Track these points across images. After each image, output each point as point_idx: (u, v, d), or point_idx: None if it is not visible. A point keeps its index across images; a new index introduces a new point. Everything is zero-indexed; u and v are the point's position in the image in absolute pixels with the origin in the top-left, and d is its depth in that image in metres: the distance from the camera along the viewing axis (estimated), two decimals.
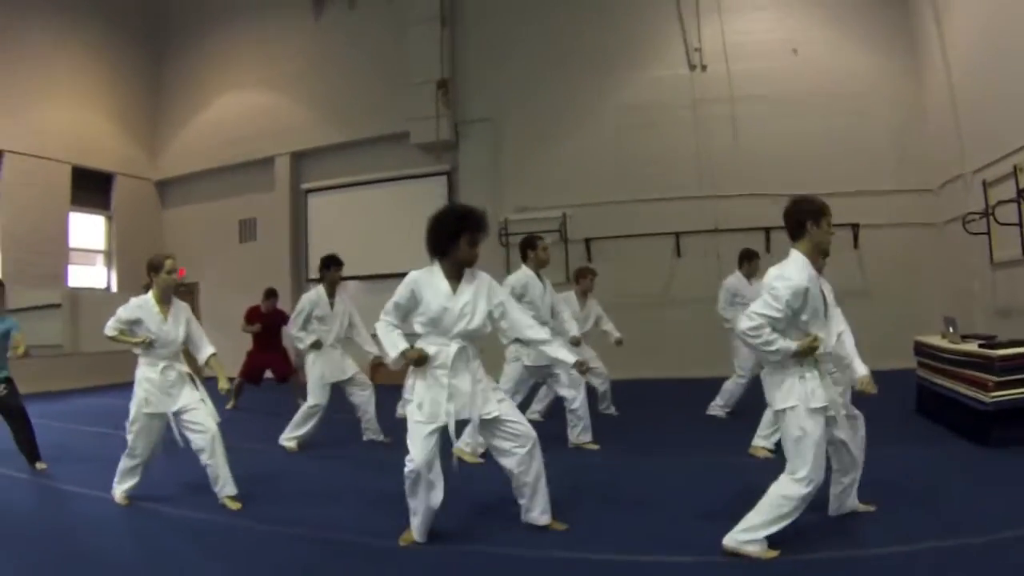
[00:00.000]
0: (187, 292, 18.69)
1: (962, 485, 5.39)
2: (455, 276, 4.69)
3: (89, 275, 18.02)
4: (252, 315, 11.96)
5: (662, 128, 13.89)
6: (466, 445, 6.35)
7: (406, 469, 4.45)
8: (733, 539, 4.04)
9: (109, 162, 18.69)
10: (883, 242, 13.00)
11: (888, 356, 9.16)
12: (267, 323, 11.81)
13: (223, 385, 5.98)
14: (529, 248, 7.53)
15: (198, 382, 5.93)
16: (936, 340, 8.04)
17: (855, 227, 12.99)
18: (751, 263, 9.02)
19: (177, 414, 5.76)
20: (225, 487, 5.66)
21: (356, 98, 16.50)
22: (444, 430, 4.54)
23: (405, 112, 15.35)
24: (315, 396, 8.10)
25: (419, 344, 4.65)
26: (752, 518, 4.05)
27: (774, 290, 4.09)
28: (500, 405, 4.71)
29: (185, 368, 5.95)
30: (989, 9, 10.45)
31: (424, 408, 4.54)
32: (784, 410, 4.14)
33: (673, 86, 13.98)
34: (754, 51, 13.61)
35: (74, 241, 17.76)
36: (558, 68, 14.76)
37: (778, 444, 6.38)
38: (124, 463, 5.79)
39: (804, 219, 4.28)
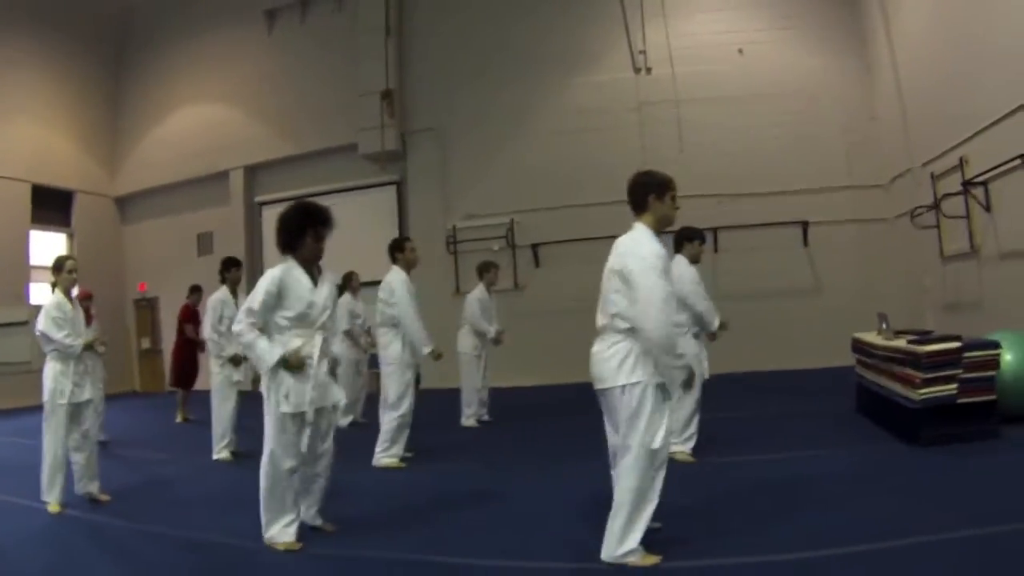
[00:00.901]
0: (147, 306, 18.57)
1: (866, 489, 5.18)
2: (309, 271, 4.81)
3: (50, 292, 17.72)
4: (187, 313, 11.82)
5: (607, 132, 13.77)
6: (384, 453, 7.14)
7: (280, 466, 4.58)
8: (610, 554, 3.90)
9: (69, 180, 18.55)
10: (834, 239, 12.91)
11: (839, 354, 9.22)
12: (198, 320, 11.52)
13: None
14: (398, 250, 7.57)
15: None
16: (871, 337, 7.82)
17: (804, 224, 12.89)
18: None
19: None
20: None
21: (307, 110, 16.38)
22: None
23: (354, 123, 15.23)
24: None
25: (278, 339, 4.69)
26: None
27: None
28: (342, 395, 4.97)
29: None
30: (935, 4, 10.35)
31: (291, 398, 4.60)
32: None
33: (618, 89, 13.88)
34: (699, 53, 13.53)
35: (35, 259, 17.52)
36: (503, 76, 14.68)
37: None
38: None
39: (648, 192, 4.14)
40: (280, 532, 4.58)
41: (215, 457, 8.05)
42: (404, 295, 7.22)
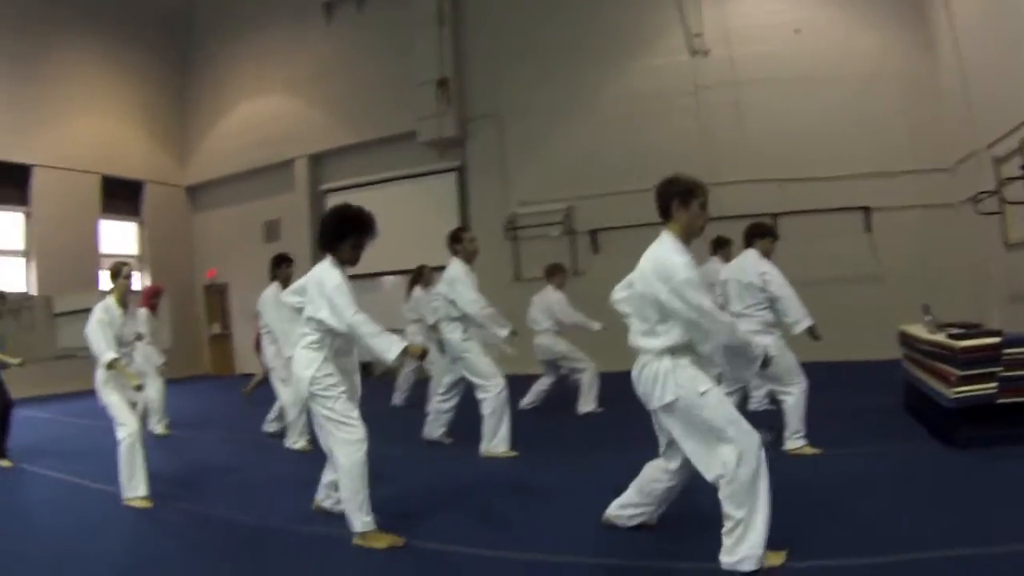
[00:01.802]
0: (217, 292, 19.11)
1: (884, 497, 4.96)
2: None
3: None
4: None
5: (664, 116, 13.61)
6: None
7: (363, 447, 4.64)
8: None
9: (138, 170, 19.24)
10: (897, 225, 12.53)
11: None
12: None
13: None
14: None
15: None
16: (915, 329, 7.39)
17: (866, 210, 12.60)
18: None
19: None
20: None
21: (367, 99, 16.60)
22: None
23: (413, 112, 15.42)
24: None
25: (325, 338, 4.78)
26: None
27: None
28: None
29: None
30: None
31: (348, 394, 4.75)
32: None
33: (674, 73, 13.73)
34: (757, 34, 13.26)
35: (106, 247, 18.17)
36: (558, 61, 14.64)
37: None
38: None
39: (670, 199, 4.06)
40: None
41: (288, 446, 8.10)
42: (465, 288, 7.23)
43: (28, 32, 17.21)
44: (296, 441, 8.03)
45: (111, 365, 5.88)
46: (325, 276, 4.75)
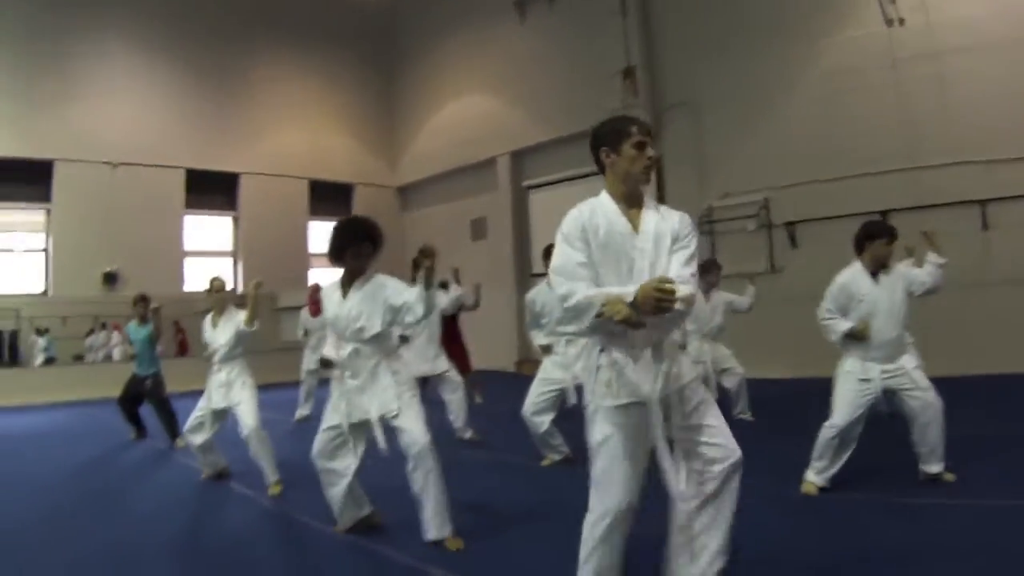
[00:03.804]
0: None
1: None
2: (348, 283, 5.04)
3: (332, 276, 19.95)
4: None
5: (861, 94, 12.89)
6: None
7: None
8: None
9: (347, 174, 21.20)
10: None
11: None
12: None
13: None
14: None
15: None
16: None
17: None
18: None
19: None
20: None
21: (563, 94, 16.93)
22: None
23: (605, 105, 15.42)
24: None
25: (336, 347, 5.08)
26: None
27: None
28: (402, 409, 4.86)
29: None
30: None
31: (338, 409, 4.94)
32: None
33: (869, 46, 12.88)
34: None
35: (314, 247, 19.86)
36: (747, 44, 14.20)
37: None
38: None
39: (596, 147, 3.42)
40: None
41: None
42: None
43: (232, 50, 19.59)
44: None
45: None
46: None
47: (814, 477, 5.52)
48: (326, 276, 5.36)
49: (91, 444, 9.85)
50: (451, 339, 12.15)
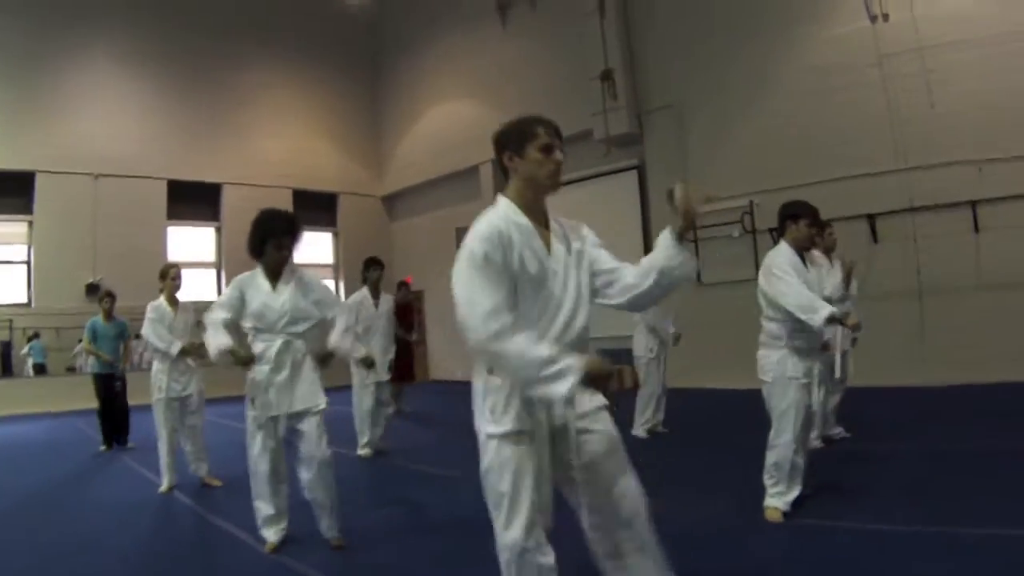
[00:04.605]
0: (415, 299, 19.76)
1: None
2: (274, 276, 5.05)
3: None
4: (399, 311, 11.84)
5: (848, 92, 12.36)
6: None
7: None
8: None
9: (332, 183, 21.12)
10: None
11: None
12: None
13: None
14: None
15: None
16: None
17: None
18: None
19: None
20: None
21: (545, 99, 16.25)
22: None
23: (587, 109, 15.13)
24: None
25: (251, 342, 5.03)
26: None
27: None
28: (319, 405, 5.02)
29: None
30: None
31: (256, 402, 4.93)
32: None
33: (855, 43, 12.34)
34: None
35: (300, 257, 19.31)
36: (734, 43, 13.71)
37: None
38: None
39: (499, 153, 3.10)
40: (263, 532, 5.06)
41: (358, 453, 8.66)
42: None
43: (214, 61, 19.50)
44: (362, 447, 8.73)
45: (185, 352, 7.20)
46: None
47: (777, 501, 5.04)
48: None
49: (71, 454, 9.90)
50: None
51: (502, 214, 2.87)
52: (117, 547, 5.25)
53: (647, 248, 14.47)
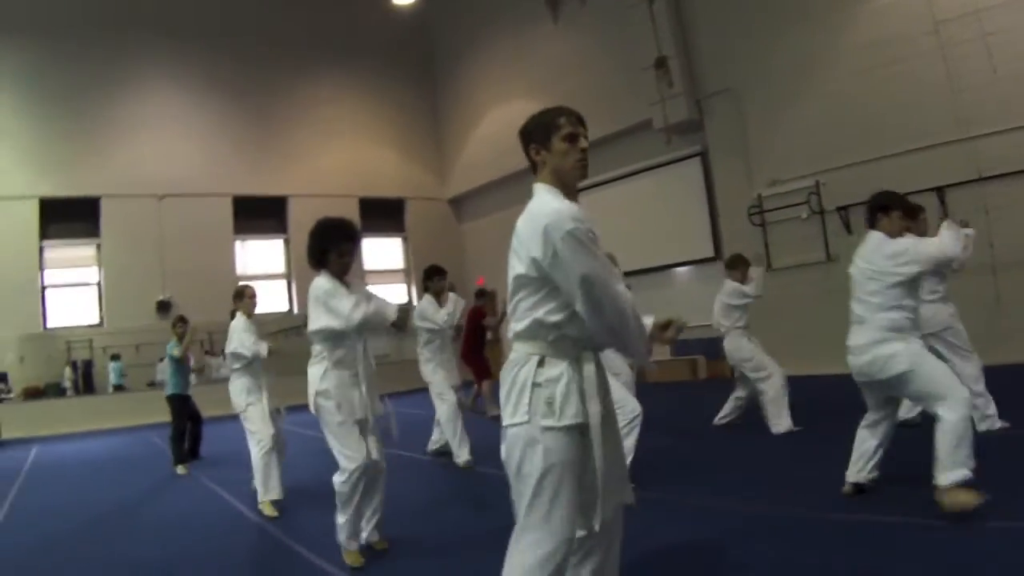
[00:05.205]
0: (488, 300, 20.03)
1: None
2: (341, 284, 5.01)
3: (389, 293, 20.32)
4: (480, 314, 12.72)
5: (904, 64, 12.15)
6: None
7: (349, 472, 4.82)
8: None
9: (397, 189, 21.50)
10: None
11: None
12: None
13: None
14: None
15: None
16: None
17: None
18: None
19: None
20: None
21: (602, 92, 16.63)
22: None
23: (645, 98, 15.16)
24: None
25: (325, 348, 5.04)
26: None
27: None
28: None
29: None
30: None
31: (343, 408, 4.91)
32: None
33: (908, 11, 12.11)
34: None
35: (371, 263, 20.19)
36: (788, 20, 13.59)
37: None
38: None
39: (526, 145, 3.15)
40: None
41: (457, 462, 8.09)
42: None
43: (270, 75, 20.29)
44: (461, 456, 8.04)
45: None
46: (315, 287, 4.97)
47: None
48: (380, 293, 5.22)
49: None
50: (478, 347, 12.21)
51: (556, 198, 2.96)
52: (194, 564, 5.33)
53: (715, 235, 14.63)
